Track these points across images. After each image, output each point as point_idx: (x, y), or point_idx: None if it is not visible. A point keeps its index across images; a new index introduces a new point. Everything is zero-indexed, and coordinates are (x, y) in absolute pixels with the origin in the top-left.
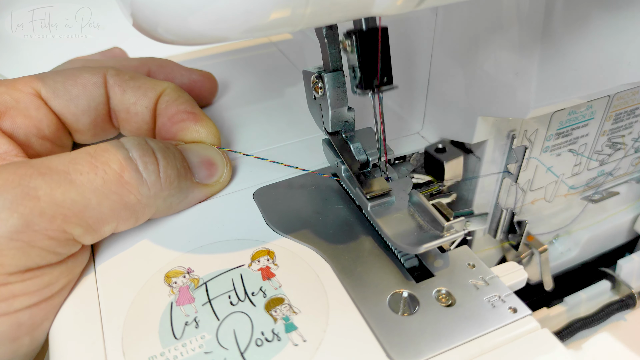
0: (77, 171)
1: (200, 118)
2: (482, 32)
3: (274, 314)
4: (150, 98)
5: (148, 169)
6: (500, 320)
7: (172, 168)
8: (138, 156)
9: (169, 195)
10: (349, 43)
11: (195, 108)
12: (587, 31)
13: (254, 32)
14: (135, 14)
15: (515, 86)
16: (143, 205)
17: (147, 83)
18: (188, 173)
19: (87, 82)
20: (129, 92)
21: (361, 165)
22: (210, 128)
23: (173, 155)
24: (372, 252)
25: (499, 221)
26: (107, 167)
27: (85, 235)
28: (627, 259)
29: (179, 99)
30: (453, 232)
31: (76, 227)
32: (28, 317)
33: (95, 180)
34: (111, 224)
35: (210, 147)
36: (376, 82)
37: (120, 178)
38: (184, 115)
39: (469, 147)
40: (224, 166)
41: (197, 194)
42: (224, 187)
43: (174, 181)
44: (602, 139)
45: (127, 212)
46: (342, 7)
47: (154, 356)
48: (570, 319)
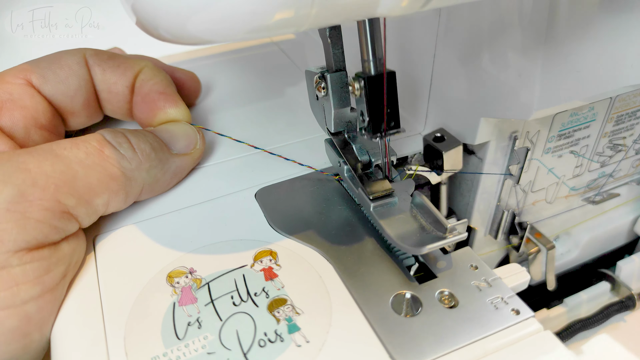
0: (61, 147)
1: (172, 99)
2: (486, 33)
3: (276, 315)
4: (129, 77)
5: (123, 147)
6: (503, 322)
7: (144, 143)
8: (111, 138)
9: (150, 167)
10: (357, 87)
11: (169, 88)
12: (590, 33)
13: (258, 32)
14: (138, 14)
15: (518, 88)
16: (128, 177)
17: (125, 62)
18: (163, 146)
19: (71, 63)
20: (108, 72)
21: (363, 166)
22: (181, 108)
23: (143, 135)
24: (375, 253)
25: (500, 222)
26: (87, 144)
27: (79, 207)
28: (627, 260)
29: (154, 78)
30: (456, 234)
31: (69, 197)
32: (36, 310)
33: (79, 154)
34: (102, 196)
35: (179, 123)
36: (383, 127)
37: (100, 152)
38: (155, 96)
39: (471, 148)
40: (196, 134)
41: (179, 162)
42: (201, 154)
43: (150, 153)
44: (604, 141)
45: (115, 184)
46: (347, 8)
47: (156, 356)
48: (570, 320)
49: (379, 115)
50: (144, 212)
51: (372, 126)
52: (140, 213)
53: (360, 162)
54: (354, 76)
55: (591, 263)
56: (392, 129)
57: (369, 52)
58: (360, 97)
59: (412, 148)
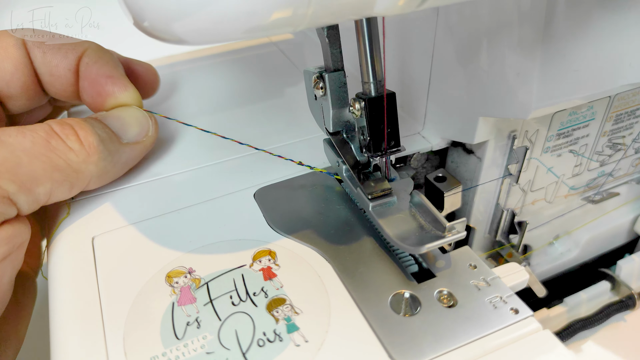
0: (6, 134)
1: (120, 82)
2: (484, 32)
3: (275, 315)
4: (71, 60)
5: (70, 139)
6: (502, 321)
7: (92, 135)
8: (59, 130)
9: (99, 160)
10: (357, 107)
11: (116, 70)
12: (588, 32)
13: (255, 32)
14: (135, 14)
15: (516, 87)
16: (74, 170)
17: (67, 43)
18: (113, 137)
19: (7, 45)
20: (49, 54)
21: (362, 166)
22: (131, 92)
23: (91, 125)
24: (374, 253)
25: (499, 222)
26: (34, 133)
27: (19, 194)
28: (627, 259)
29: (100, 60)
30: (455, 233)
31: (9, 183)
32: None
33: (24, 142)
34: (44, 184)
35: (130, 108)
36: (384, 146)
37: (47, 143)
38: (103, 80)
39: (469, 148)
40: (148, 121)
41: (131, 152)
42: (154, 141)
43: (98, 146)
44: (603, 140)
45: (59, 175)
46: (344, 8)
47: (155, 356)
48: (570, 319)
49: (380, 134)
50: (143, 212)
51: (373, 145)
52: (139, 213)
53: (359, 162)
54: (355, 97)
55: (591, 262)
56: (392, 147)
57: (369, 74)
58: (361, 117)
59: (411, 148)
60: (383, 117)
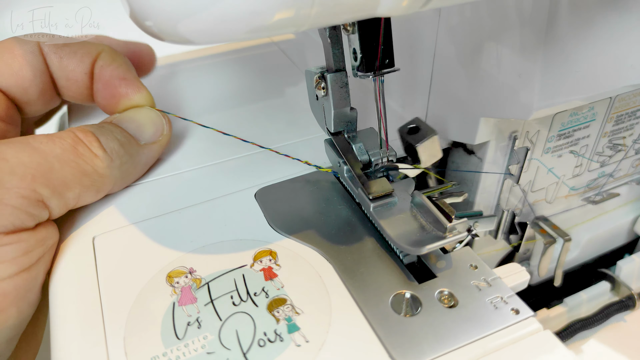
0: (38, 141)
1: (133, 84)
2: (486, 33)
3: (276, 315)
4: (87, 64)
5: (94, 145)
6: (503, 321)
7: (112, 141)
8: (83, 137)
9: (122, 164)
10: (349, 23)
11: (129, 72)
12: (590, 33)
13: (259, 32)
14: (139, 13)
15: (518, 88)
16: (100, 175)
17: (82, 48)
18: (131, 140)
19: (25, 52)
20: (65, 59)
21: (363, 166)
22: (144, 93)
23: (109, 131)
24: (375, 253)
25: (500, 222)
26: (62, 140)
27: (52, 198)
28: (627, 260)
29: (114, 62)
30: (456, 233)
31: (44, 188)
32: (12, 287)
33: (55, 149)
34: (74, 189)
35: (143, 109)
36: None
37: (75, 150)
38: (116, 82)
39: (470, 148)
40: (162, 120)
41: (149, 153)
42: (169, 139)
43: (119, 150)
44: (603, 141)
45: (87, 180)
46: (347, 8)
47: (156, 356)
48: (570, 319)
49: (373, 51)
50: (144, 212)
51: (365, 63)
52: (140, 213)
53: (360, 162)
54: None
55: (591, 263)
56: (386, 67)
57: None
58: (353, 33)
59: None
60: (377, 33)
